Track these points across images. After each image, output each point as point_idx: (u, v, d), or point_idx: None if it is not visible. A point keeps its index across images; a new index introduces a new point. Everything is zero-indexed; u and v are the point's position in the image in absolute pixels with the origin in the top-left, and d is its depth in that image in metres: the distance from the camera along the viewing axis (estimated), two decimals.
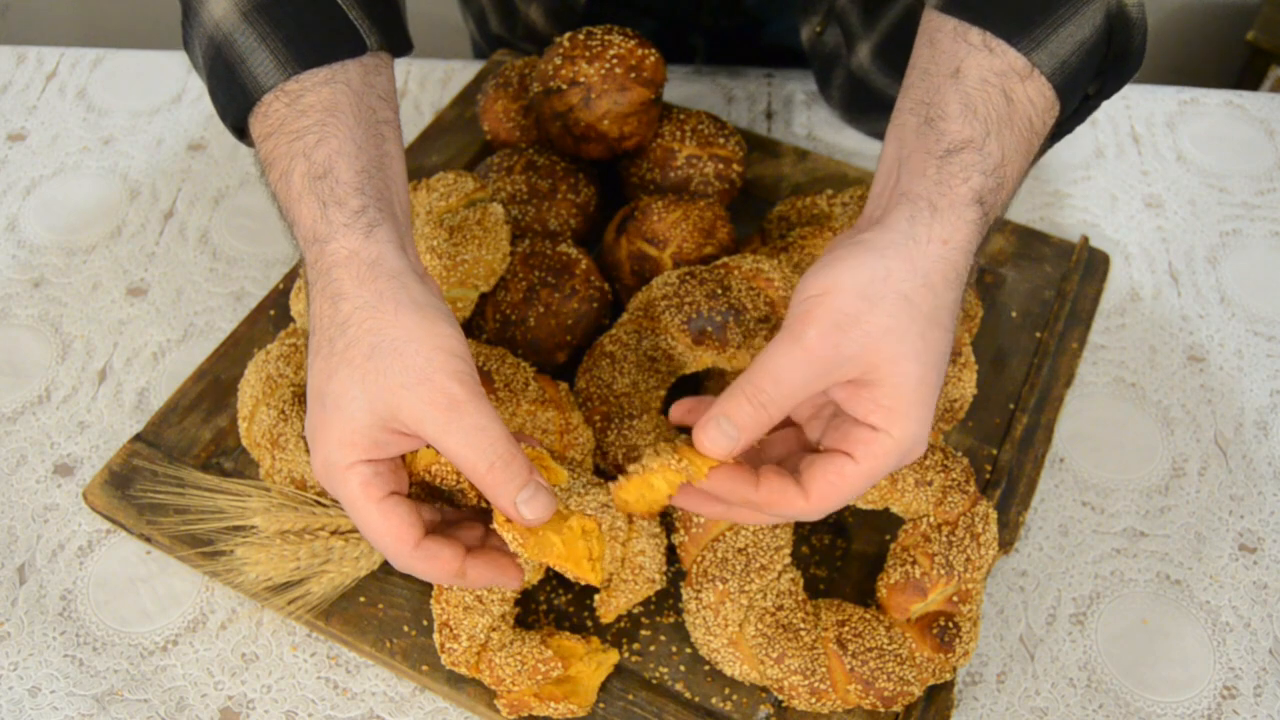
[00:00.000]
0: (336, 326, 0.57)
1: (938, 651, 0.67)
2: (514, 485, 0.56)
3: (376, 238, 0.58)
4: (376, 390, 0.56)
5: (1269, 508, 0.81)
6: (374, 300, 0.57)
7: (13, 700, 0.70)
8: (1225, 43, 1.91)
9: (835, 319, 0.56)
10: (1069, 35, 0.59)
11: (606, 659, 0.68)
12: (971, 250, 0.58)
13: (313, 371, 0.58)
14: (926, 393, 0.57)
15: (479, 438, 0.55)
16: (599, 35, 0.87)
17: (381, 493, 0.57)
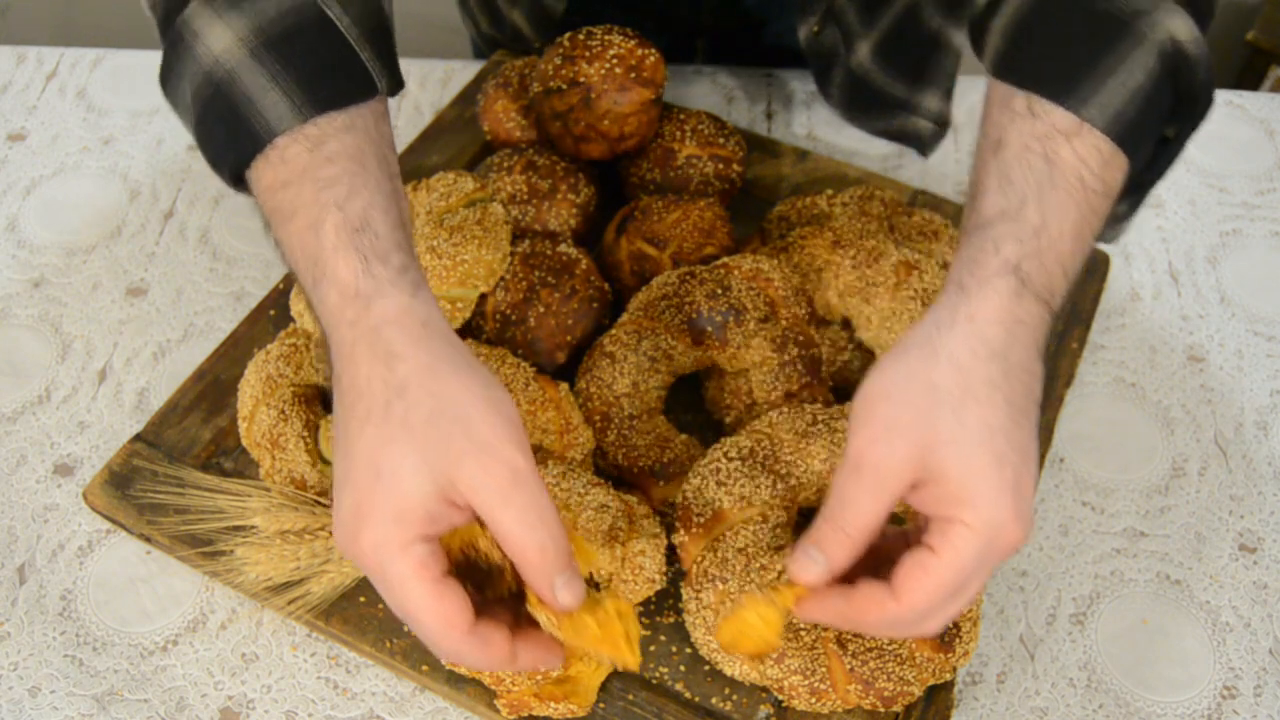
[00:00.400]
0: (393, 390, 0.53)
1: (938, 651, 0.67)
2: (551, 572, 0.53)
3: (423, 297, 0.55)
4: (437, 458, 0.52)
5: (1269, 508, 0.81)
6: (431, 362, 0.53)
7: (13, 700, 0.70)
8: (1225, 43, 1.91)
9: (872, 429, 0.54)
10: (1120, 84, 0.57)
11: None
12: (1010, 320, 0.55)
13: (363, 438, 0.53)
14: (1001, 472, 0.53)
15: (536, 517, 0.52)
16: (599, 35, 0.87)
17: (436, 573, 0.52)
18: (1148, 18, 0.58)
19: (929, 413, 0.53)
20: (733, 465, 0.69)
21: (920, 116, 0.99)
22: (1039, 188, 0.57)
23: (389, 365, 0.53)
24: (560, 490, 0.69)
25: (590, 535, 0.68)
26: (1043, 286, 0.56)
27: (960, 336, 0.54)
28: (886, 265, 0.79)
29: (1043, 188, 0.56)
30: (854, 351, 0.82)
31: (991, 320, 0.55)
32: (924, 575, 0.53)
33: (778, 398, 0.75)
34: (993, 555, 0.53)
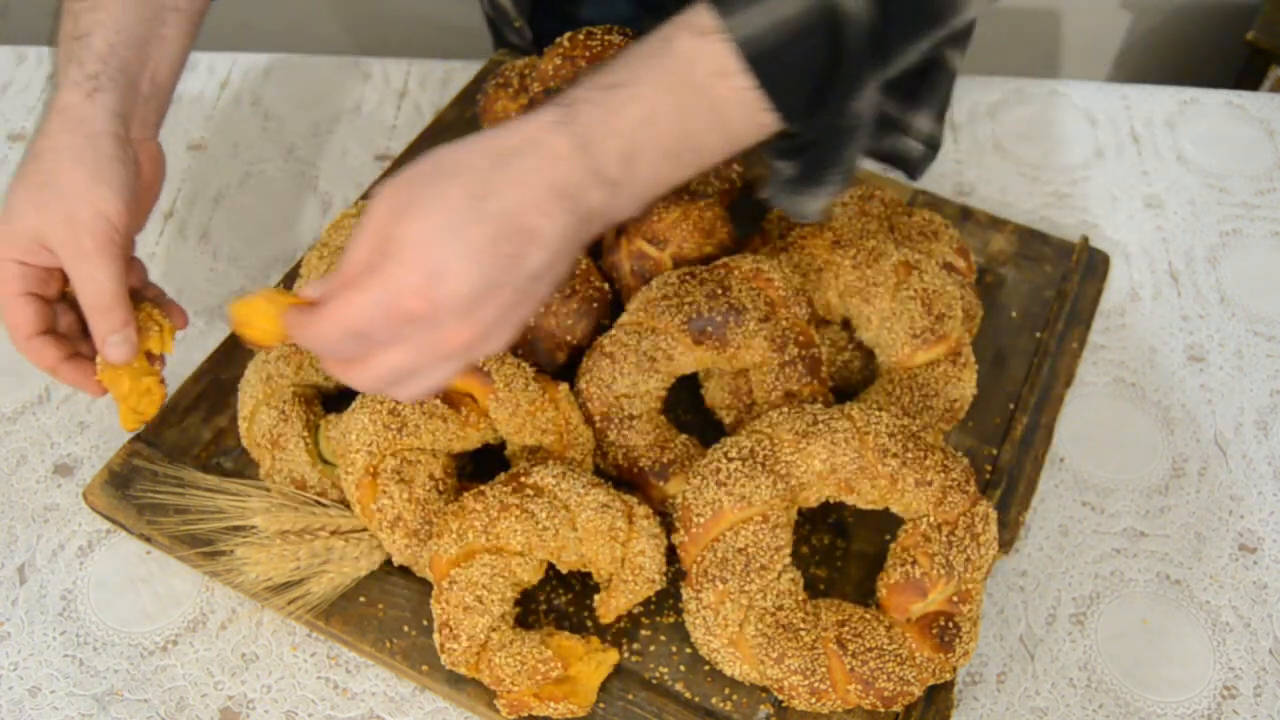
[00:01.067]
0: (33, 154, 0.70)
1: (938, 651, 0.67)
2: (104, 329, 0.69)
3: (95, 101, 0.70)
4: (37, 215, 0.68)
5: (1269, 508, 0.81)
6: (63, 149, 0.69)
7: (13, 700, 0.70)
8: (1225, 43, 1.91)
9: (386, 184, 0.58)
10: (770, 9, 0.58)
11: (606, 659, 0.68)
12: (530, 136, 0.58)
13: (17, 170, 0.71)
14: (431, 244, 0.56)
15: (89, 285, 0.68)
16: (599, 35, 0.87)
17: (20, 289, 0.69)
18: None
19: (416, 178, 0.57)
20: (733, 465, 0.69)
21: (911, 137, 0.99)
22: (637, 58, 0.59)
23: (41, 137, 0.70)
24: (560, 490, 0.69)
25: (590, 535, 0.68)
26: (588, 132, 0.58)
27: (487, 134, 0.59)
28: (886, 265, 0.79)
29: (640, 59, 0.59)
30: (854, 351, 0.82)
31: (516, 130, 0.58)
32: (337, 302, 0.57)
33: (778, 398, 0.75)
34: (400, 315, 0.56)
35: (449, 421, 0.71)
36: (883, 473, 0.69)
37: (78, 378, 0.73)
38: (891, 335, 0.78)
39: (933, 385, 0.77)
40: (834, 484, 0.70)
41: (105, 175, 0.69)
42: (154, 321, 0.74)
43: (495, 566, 0.67)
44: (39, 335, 0.71)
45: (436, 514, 0.70)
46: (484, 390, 0.72)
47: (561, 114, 0.58)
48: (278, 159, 1.04)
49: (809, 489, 0.70)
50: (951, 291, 0.79)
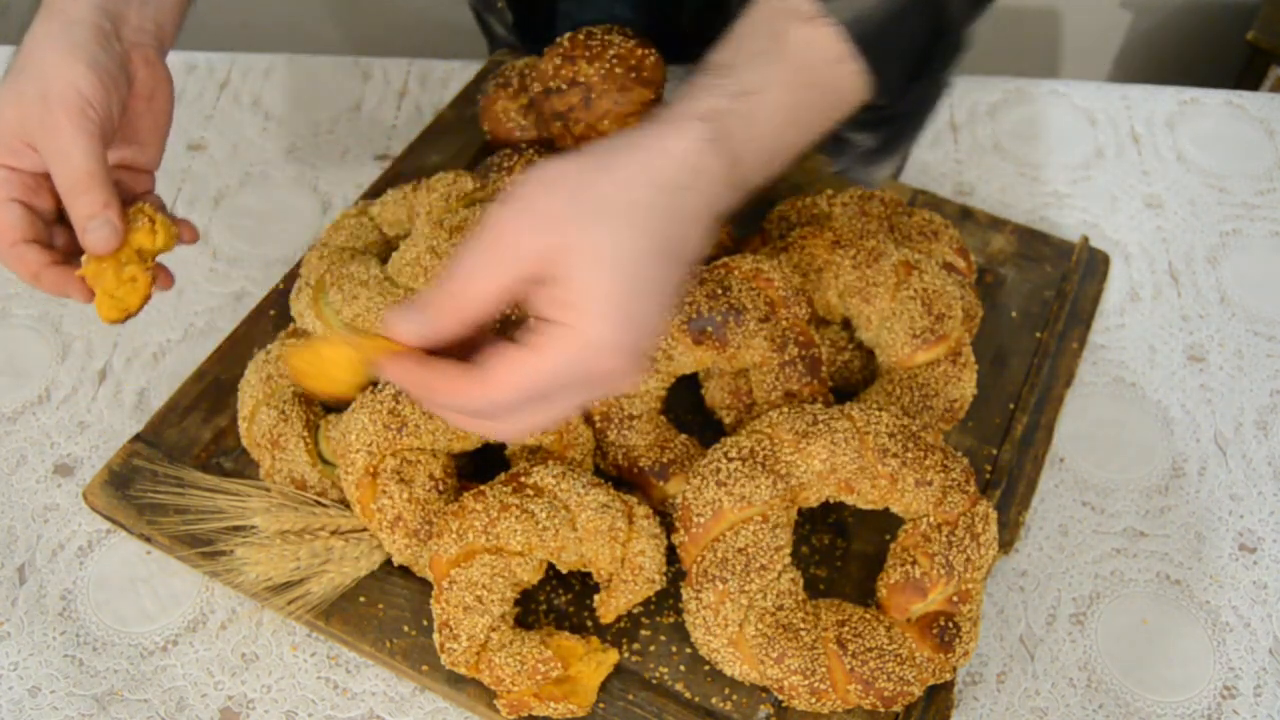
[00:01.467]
0: (23, 54, 0.68)
1: (938, 651, 0.67)
2: (82, 212, 0.65)
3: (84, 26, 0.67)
4: (16, 106, 0.65)
5: (1269, 508, 0.81)
6: (41, 37, 0.67)
7: (13, 700, 0.70)
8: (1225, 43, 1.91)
9: (518, 207, 0.54)
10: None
11: (606, 659, 0.68)
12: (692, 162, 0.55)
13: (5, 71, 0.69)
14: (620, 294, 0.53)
15: (61, 162, 0.65)
16: (599, 35, 0.87)
17: (4, 195, 0.66)
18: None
19: (577, 214, 0.53)
20: (733, 465, 0.69)
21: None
22: (757, 57, 0.58)
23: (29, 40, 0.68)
24: (560, 490, 0.69)
25: (590, 535, 0.68)
26: (737, 148, 0.56)
27: (638, 159, 0.55)
28: (886, 265, 0.79)
29: (761, 58, 0.58)
30: (854, 351, 0.82)
31: (674, 155, 0.55)
32: (513, 366, 0.53)
33: (778, 398, 0.75)
34: (587, 373, 0.53)
35: None
36: (883, 473, 0.69)
37: (60, 282, 0.68)
38: (891, 335, 0.78)
39: (933, 385, 0.77)
40: (834, 484, 0.70)
41: (79, 52, 0.66)
42: (145, 215, 0.69)
43: (495, 566, 0.67)
44: (24, 242, 0.67)
45: (436, 514, 0.70)
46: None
47: (711, 131, 0.56)
48: (278, 159, 1.04)
49: (809, 489, 0.70)
50: (951, 291, 0.79)
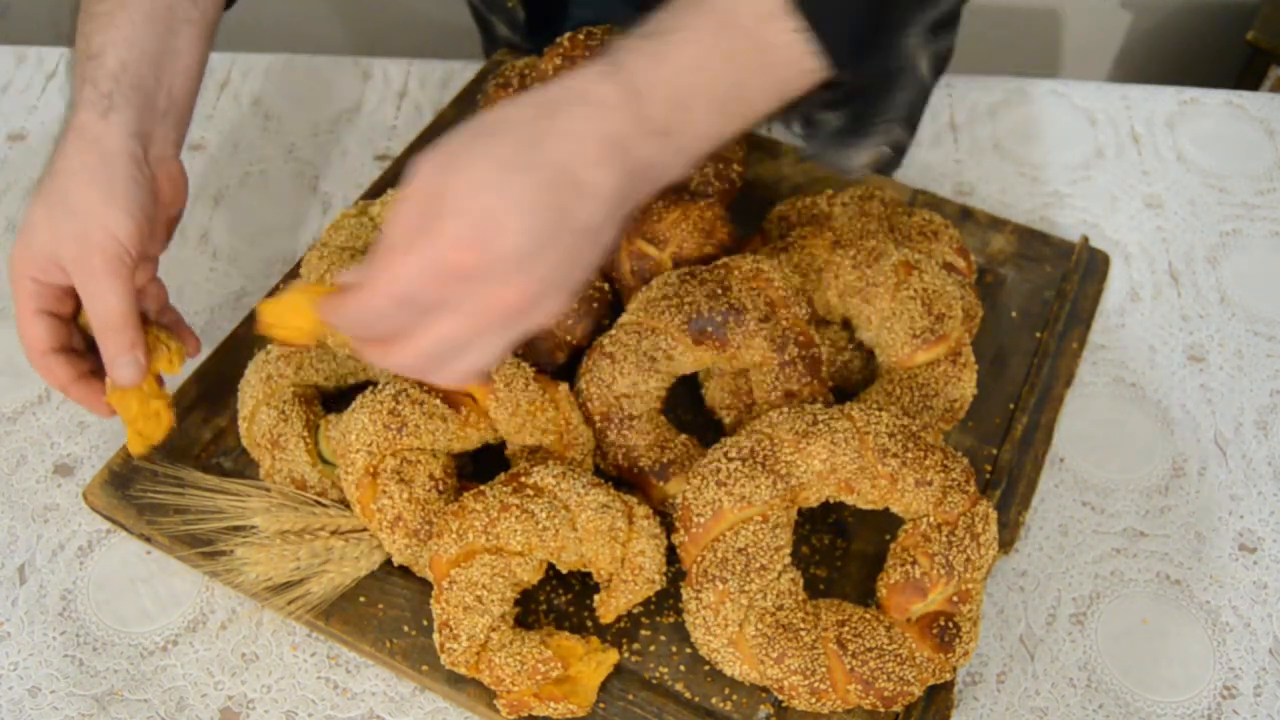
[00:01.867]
0: (50, 172, 0.70)
1: (938, 651, 0.67)
2: (111, 350, 0.69)
3: (110, 120, 0.70)
4: (52, 233, 0.69)
5: (1269, 508, 0.81)
6: (78, 169, 0.69)
7: (13, 700, 0.70)
8: (1225, 43, 1.91)
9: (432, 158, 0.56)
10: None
11: (606, 659, 0.68)
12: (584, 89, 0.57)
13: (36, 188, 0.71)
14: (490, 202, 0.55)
15: (97, 304, 0.69)
16: (599, 35, 0.87)
17: (36, 307, 0.70)
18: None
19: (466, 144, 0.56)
20: (733, 465, 0.69)
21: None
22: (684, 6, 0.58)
23: (58, 156, 0.71)
24: (560, 490, 0.69)
25: (590, 535, 0.68)
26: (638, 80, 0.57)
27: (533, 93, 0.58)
28: (886, 265, 0.79)
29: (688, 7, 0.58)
30: (854, 351, 0.82)
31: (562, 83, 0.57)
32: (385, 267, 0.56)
33: (778, 398, 0.75)
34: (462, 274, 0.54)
35: (449, 421, 0.71)
36: (883, 473, 0.69)
37: (87, 397, 0.73)
38: (891, 335, 0.78)
39: (933, 385, 0.77)
40: (834, 484, 0.70)
41: (118, 196, 0.69)
42: (162, 344, 0.74)
43: (495, 566, 0.67)
44: (52, 352, 0.71)
45: (436, 514, 0.70)
46: (484, 390, 0.72)
47: (608, 64, 0.57)
48: (278, 159, 1.04)
49: (809, 489, 0.70)
50: (951, 291, 0.79)
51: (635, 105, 0.56)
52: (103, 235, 0.68)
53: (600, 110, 0.56)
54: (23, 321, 0.71)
